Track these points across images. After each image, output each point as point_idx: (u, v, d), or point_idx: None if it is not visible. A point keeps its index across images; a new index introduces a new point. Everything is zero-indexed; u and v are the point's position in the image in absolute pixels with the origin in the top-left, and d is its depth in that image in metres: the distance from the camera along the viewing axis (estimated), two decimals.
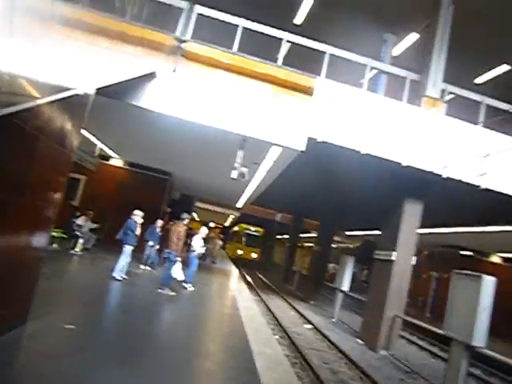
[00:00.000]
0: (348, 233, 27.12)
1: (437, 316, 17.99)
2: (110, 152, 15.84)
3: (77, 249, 11.96)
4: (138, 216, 9.79)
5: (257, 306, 11.01)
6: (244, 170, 9.27)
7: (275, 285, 22.67)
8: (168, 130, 9.96)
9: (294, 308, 15.50)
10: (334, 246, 37.80)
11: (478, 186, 9.99)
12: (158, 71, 8.49)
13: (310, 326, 12.52)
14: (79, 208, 14.01)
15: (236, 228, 39.53)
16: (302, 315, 14.14)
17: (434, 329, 9.79)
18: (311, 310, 16.91)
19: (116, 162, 17.01)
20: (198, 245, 10.69)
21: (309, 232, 30.87)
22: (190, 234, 12.48)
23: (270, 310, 13.35)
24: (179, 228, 9.54)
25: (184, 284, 10.27)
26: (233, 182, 12.38)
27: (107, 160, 16.79)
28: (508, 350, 13.57)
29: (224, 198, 24.41)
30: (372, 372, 8.48)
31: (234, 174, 9.19)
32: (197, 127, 8.88)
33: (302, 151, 8.80)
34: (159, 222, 12.56)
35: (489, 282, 7.64)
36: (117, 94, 8.08)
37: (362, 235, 24.76)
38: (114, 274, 9.11)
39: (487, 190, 10.04)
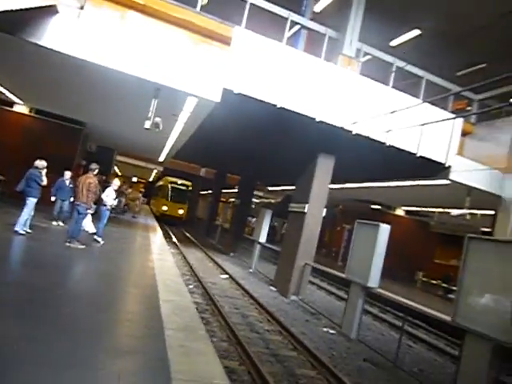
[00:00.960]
0: (270, 188, 27.84)
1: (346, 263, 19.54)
2: (13, 98, 14.32)
3: None
4: (40, 166, 9.11)
5: (173, 258, 11.05)
6: (158, 120, 8.97)
7: (197, 239, 22.90)
8: (79, 76, 9.22)
9: (213, 260, 15.85)
10: (257, 201, 38.83)
11: (384, 143, 10.73)
12: (62, 6, 7.68)
13: (226, 276, 12.95)
14: None
15: (161, 182, 35.53)
16: (219, 266, 14.54)
17: (338, 273, 10.62)
18: (230, 261, 17.44)
19: (21, 108, 15.48)
20: (109, 197, 10.34)
21: (232, 188, 31.22)
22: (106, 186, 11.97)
23: (188, 262, 13.51)
24: (89, 179, 9.09)
25: (95, 237, 9.97)
26: (152, 135, 11.97)
27: (10, 106, 15.23)
28: (402, 290, 15.29)
29: (145, 151, 23.63)
30: (280, 315, 9.10)
31: (148, 124, 8.87)
32: (110, 74, 8.31)
33: (218, 102, 8.69)
34: (67, 174, 11.78)
35: (384, 230, 8.42)
36: (10, 27, 7.23)
37: (283, 190, 25.59)
38: (17, 228, 8.53)
39: (391, 146, 10.83)
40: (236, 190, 27.33)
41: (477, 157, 12.39)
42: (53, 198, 11.33)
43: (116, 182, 10.95)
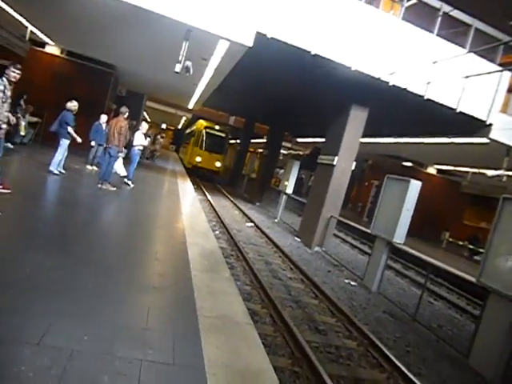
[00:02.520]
0: (299, 139, 27.40)
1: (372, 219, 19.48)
2: (44, 38, 14.27)
3: (22, 132, 11.40)
4: (73, 107, 9.22)
5: (200, 205, 11.26)
6: (189, 63, 8.77)
7: (224, 188, 23.16)
8: (110, 16, 9.00)
9: (239, 208, 16.08)
10: (285, 152, 38.50)
11: (422, 96, 10.22)
12: None
13: (251, 225, 13.16)
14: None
15: (194, 127, 29.46)
16: (245, 215, 14.75)
17: (363, 228, 10.60)
18: (255, 210, 17.67)
19: (52, 49, 15.44)
20: (139, 140, 10.47)
21: (261, 137, 30.91)
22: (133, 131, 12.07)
23: (214, 209, 13.75)
24: (120, 123, 9.17)
25: (126, 180, 10.21)
26: (182, 80, 11.80)
27: (42, 47, 15.22)
28: (427, 249, 15.20)
29: (175, 97, 23.42)
30: (302, 264, 9.27)
31: (178, 68, 8.67)
32: (142, 14, 8.07)
33: (250, 47, 8.38)
34: (104, 118, 11.86)
35: (415, 186, 8.23)
36: None
37: (313, 142, 25.18)
38: (51, 168, 8.81)
39: (430, 100, 10.31)
40: (264, 140, 27.08)
41: None
42: (93, 143, 11.50)
43: (144, 125, 11.02)
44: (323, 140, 13.73)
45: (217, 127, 25.50)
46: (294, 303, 6.69)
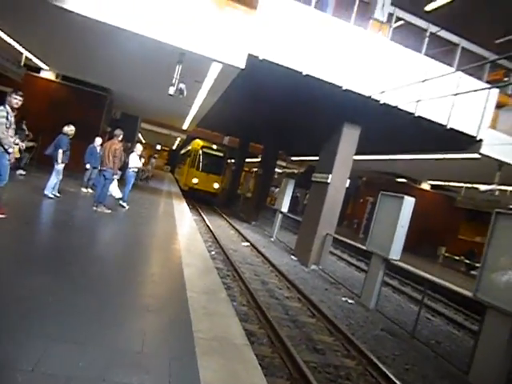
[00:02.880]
0: (293, 158, 27.62)
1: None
2: (39, 63, 14.46)
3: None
4: (70, 131, 9.29)
5: (196, 225, 11.25)
6: (182, 86, 8.90)
7: (219, 207, 23.15)
8: (104, 42, 9.19)
9: (235, 228, 16.05)
10: (279, 171, 38.71)
11: (413, 114, 10.41)
12: None
13: (247, 244, 13.13)
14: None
15: (189, 146, 28.27)
16: (241, 234, 14.73)
17: (359, 245, 10.61)
18: (251, 229, 17.65)
19: (47, 74, 15.63)
20: (134, 162, 10.53)
21: (256, 157, 31.10)
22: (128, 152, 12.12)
23: (210, 229, 13.73)
24: (114, 145, 9.24)
25: (121, 202, 10.21)
26: (176, 102, 11.93)
27: (37, 72, 15.39)
28: (423, 264, 15.20)
29: (169, 119, 23.64)
30: (299, 283, 9.23)
31: (172, 90, 8.81)
32: (135, 39, 8.25)
33: (242, 69, 8.54)
34: (98, 140, 11.95)
35: (409, 202, 8.29)
36: None
37: (307, 160, 25.38)
38: (46, 192, 8.81)
39: (420, 117, 10.50)
40: (259, 160, 27.24)
41: (511, 130, 11.87)
42: (87, 166, 11.52)
43: (139, 147, 11.09)
44: (317, 158, 13.86)
45: (214, 147, 24.29)
46: (291, 323, 6.63)
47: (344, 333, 6.28)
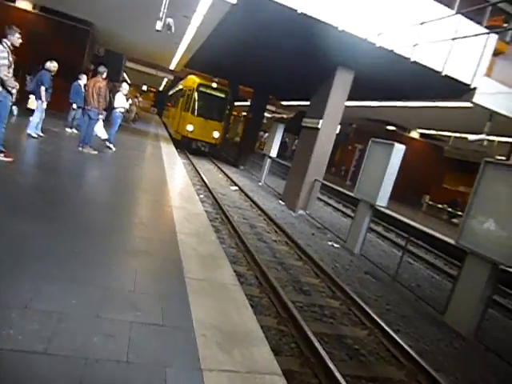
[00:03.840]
0: (284, 102, 27.05)
1: (355, 183, 19.78)
2: None
3: None
4: (53, 67, 8.83)
5: (184, 169, 11.14)
6: (170, 21, 8.42)
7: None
8: None
9: (223, 172, 16.02)
10: (269, 115, 38.08)
11: (408, 59, 10.10)
12: None
13: (235, 188, 13.17)
14: None
15: (182, 84, 23.64)
16: (229, 178, 14.72)
17: (346, 192, 10.72)
18: (240, 174, 17.65)
19: (23, 4, 14.54)
20: (120, 102, 10.17)
21: (245, 100, 30.36)
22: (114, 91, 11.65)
23: (198, 173, 13.66)
24: (98, 83, 8.85)
25: (107, 143, 9.99)
26: (163, 39, 11.35)
27: (12, 1, 14.31)
28: (408, 212, 15.56)
29: (156, 58, 22.62)
30: (287, 227, 9.39)
31: (159, 26, 8.34)
32: None
33: (234, 4, 8.05)
34: (83, 78, 11.37)
35: (399, 150, 8.28)
36: None
37: (298, 105, 24.91)
38: (29, 131, 8.54)
39: (416, 63, 10.20)
40: (248, 104, 26.64)
41: (505, 79, 11.69)
42: (74, 106, 11.08)
43: (125, 87, 10.66)
44: (308, 103, 13.58)
45: (214, 85, 19.96)
46: (278, 265, 6.81)
47: (329, 275, 6.49)
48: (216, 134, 19.48)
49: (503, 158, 15.41)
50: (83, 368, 2.14)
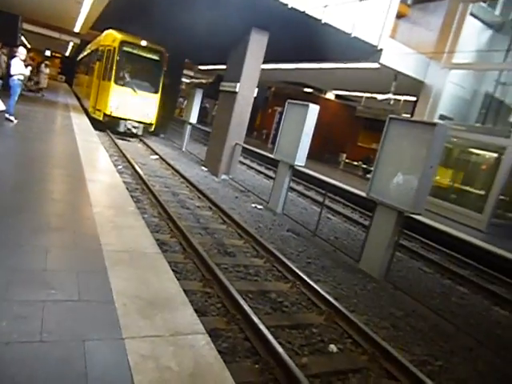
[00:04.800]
0: (202, 67, 26.34)
1: None
2: None
3: None
4: None
5: (99, 140, 10.53)
6: None
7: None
8: None
9: (142, 141, 15.43)
10: (187, 81, 36.96)
11: (320, 20, 10.28)
12: None
13: (156, 157, 12.81)
14: None
15: (95, 45, 18.65)
16: (149, 147, 14.25)
17: (267, 154, 10.95)
18: (160, 142, 17.14)
19: None
20: (18, 69, 9.19)
21: None
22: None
23: (115, 143, 13.02)
24: None
25: (7, 115, 9.07)
26: None
27: None
28: (325, 170, 16.35)
29: (57, 18, 20.53)
30: (210, 193, 9.42)
31: None
32: None
33: None
34: None
35: (313, 110, 8.58)
36: None
37: (216, 69, 24.41)
38: None
39: (327, 24, 10.44)
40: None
41: (408, 41, 12.47)
42: None
43: (21, 51, 9.60)
44: (225, 67, 13.38)
45: (143, 43, 15.06)
46: (202, 230, 6.86)
47: (253, 235, 6.69)
48: (151, 111, 15.20)
49: (408, 115, 16.64)
50: None
